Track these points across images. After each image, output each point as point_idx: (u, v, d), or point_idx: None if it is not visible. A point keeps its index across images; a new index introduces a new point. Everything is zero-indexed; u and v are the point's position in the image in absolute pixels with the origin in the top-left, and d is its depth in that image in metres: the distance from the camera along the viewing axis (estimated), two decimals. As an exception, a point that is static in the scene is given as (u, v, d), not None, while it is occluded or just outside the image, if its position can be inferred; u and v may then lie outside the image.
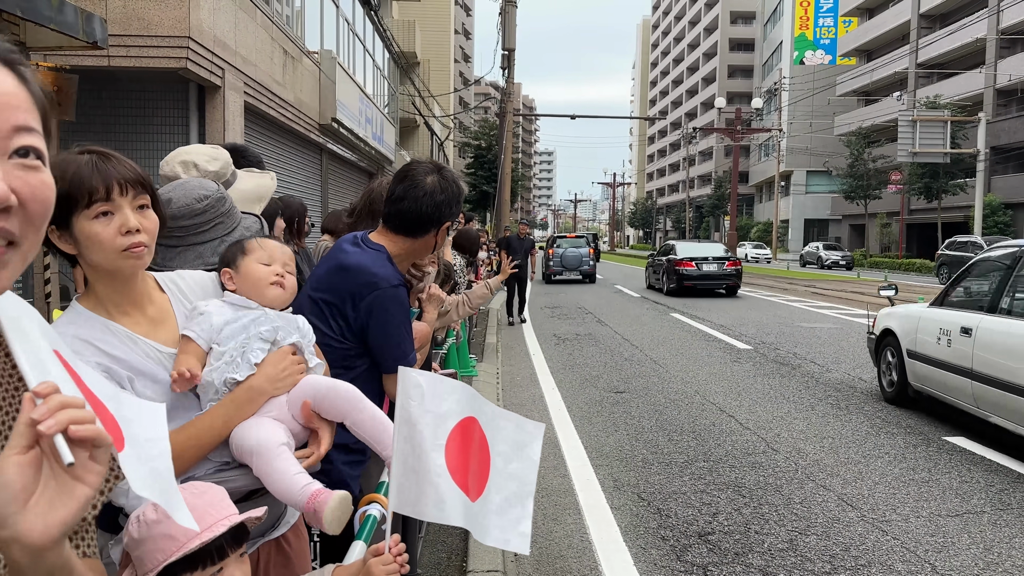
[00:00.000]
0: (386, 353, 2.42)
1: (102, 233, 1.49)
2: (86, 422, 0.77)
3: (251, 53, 11.15)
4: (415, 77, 29.63)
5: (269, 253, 1.83)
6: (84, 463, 0.78)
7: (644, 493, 5.32)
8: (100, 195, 1.48)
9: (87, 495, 0.79)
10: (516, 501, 1.66)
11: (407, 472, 1.53)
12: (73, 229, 1.49)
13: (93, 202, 1.48)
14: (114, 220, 1.49)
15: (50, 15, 5.47)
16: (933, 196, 40.47)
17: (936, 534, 4.58)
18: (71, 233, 1.50)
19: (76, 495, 0.78)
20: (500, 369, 9.97)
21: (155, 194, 1.60)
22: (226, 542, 1.28)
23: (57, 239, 1.51)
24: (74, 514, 0.78)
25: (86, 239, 1.49)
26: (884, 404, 8.00)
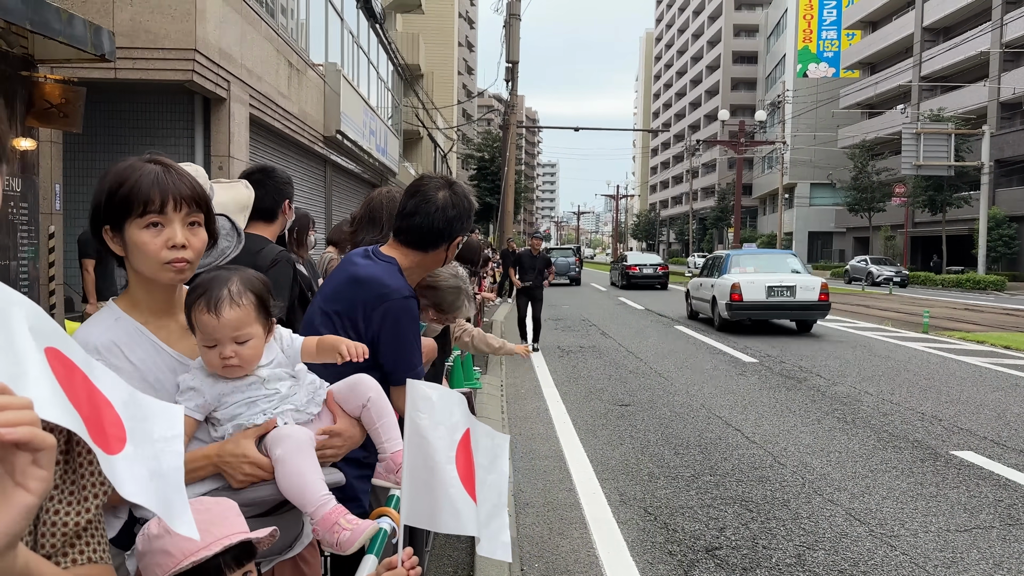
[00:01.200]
0: (395, 365, 2.42)
1: (149, 243, 1.55)
2: (22, 424, 0.72)
3: (256, 65, 11.19)
4: (419, 89, 29.74)
5: (209, 333, 1.60)
6: (24, 468, 0.75)
7: (650, 507, 5.29)
8: (154, 206, 1.55)
9: (30, 503, 0.75)
10: (496, 512, 1.67)
11: (419, 485, 1.52)
12: (125, 233, 1.57)
13: (147, 212, 1.55)
14: (163, 232, 1.56)
15: (59, 28, 5.49)
16: (937, 209, 40.47)
17: (945, 549, 4.54)
18: (123, 236, 1.57)
19: (16, 502, 0.74)
20: (504, 381, 9.94)
21: (210, 212, 1.66)
22: (224, 562, 1.26)
23: (110, 239, 1.59)
24: (16, 522, 0.74)
25: (134, 245, 1.56)
26: (891, 418, 7.97)
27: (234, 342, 1.61)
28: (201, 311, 1.59)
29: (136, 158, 1.62)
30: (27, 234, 6.57)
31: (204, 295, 1.60)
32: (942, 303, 25.43)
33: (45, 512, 0.92)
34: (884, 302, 25.97)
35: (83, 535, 0.96)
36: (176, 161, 2.47)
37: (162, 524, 1.23)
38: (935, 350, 13.21)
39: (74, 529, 0.94)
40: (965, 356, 12.42)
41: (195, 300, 1.60)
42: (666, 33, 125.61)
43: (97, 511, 0.97)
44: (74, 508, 0.94)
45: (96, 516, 0.97)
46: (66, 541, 0.94)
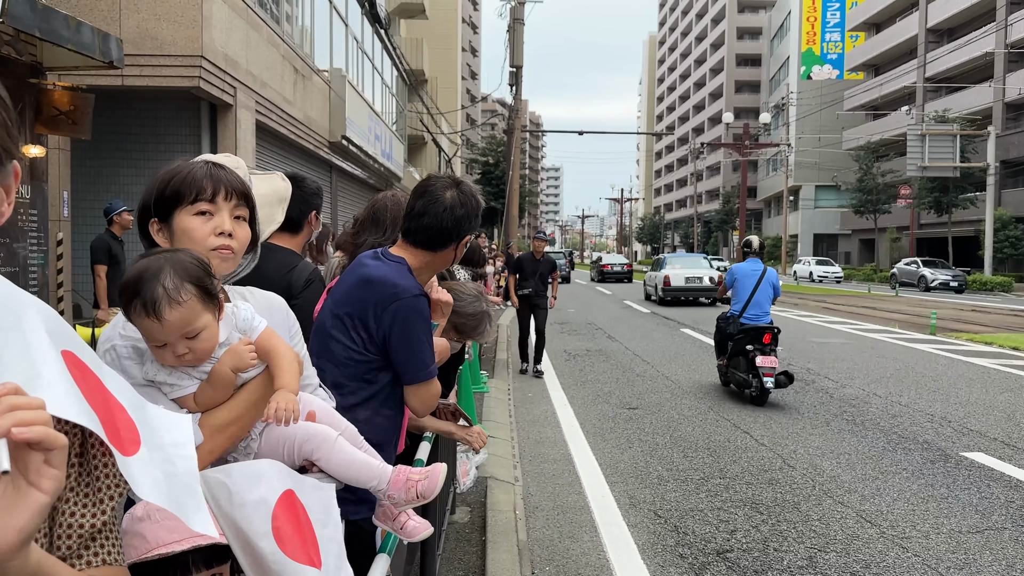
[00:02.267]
0: (407, 363, 2.43)
1: (198, 229, 1.59)
2: (35, 424, 0.73)
3: (262, 72, 11.22)
4: (423, 94, 29.79)
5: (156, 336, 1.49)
6: (38, 467, 0.75)
7: (661, 510, 5.28)
8: (205, 195, 1.60)
9: (43, 502, 0.75)
10: (340, 565, 1.57)
11: (258, 570, 1.43)
12: (172, 222, 1.60)
13: (198, 199, 1.59)
14: (212, 220, 1.60)
15: (67, 35, 5.51)
16: (943, 210, 40.37)
17: (957, 551, 4.53)
18: (170, 227, 1.61)
19: (30, 502, 0.74)
20: (511, 386, 9.94)
21: (254, 211, 1.71)
22: (192, 560, 1.28)
23: (156, 232, 1.63)
24: (30, 522, 0.74)
25: (182, 232, 1.60)
26: (900, 420, 7.94)
27: (185, 338, 1.50)
28: (139, 316, 1.45)
29: (186, 159, 1.70)
30: (36, 240, 6.60)
31: (138, 297, 1.44)
32: (949, 304, 25.37)
33: (61, 514, 0.92)
34: (891, 304, 25.91)
35: (98, 537, 0.96)
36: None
37: (148, 508, 1.25)
38: (943, 352, 13.17)
39: (90, 531, 0.94)
40: (973, 357, 12.39)
41: (129, 302, 1.46)
42: (669, 36, 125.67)
43: (112, 513, 0.97)
44: (89, 510, 0.94)
45: (111, 518, 0.97)
46: (81, 543, 0.94)
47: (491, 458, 6.08)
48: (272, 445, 1.63)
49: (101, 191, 9.65)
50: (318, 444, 1.61)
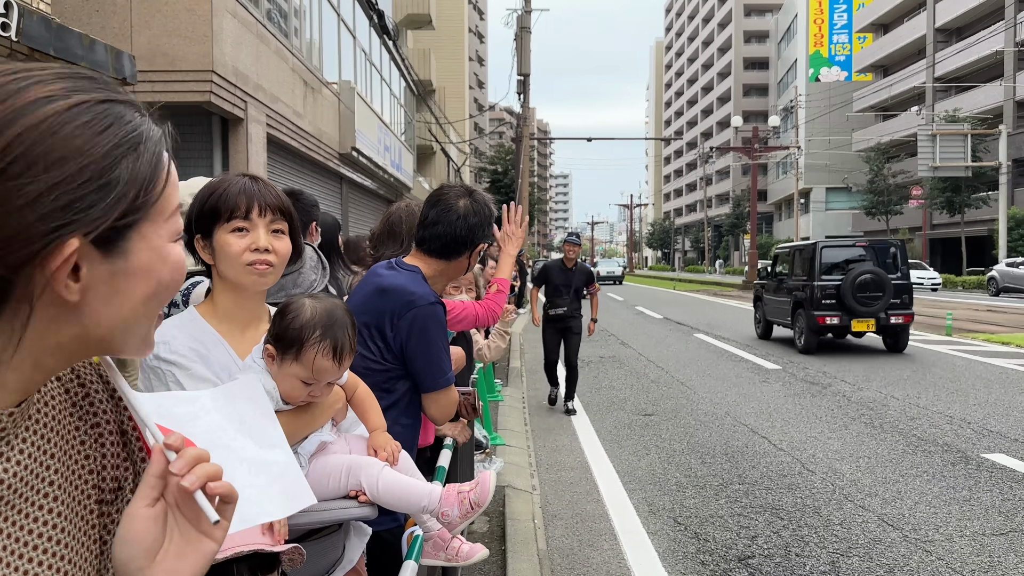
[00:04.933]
0: (426, 371, 2.44)
1: (233, 245, 1.64)
2: (219, 477, 0.75)
3: (272, 85, 11.28)
4: (431, 104, 29.88)
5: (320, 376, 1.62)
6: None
7: (680, 517, 5.25)
8: (240, 212, 1.64)
9: (212, 550, 0.77)
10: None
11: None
12: (214, 239, 1.66)
13: (233, 217, 1.64)
14: (247, 237, 1.64)
15: (81, 53, 5.55)
16: (956, 210, 40.15)
17: (981, 554, 4.48)
18: (212, 243, 1.67)
19: (202, 550, 0.76)
20: (526, 393, 9.92)
21: (294, 223, 1.75)
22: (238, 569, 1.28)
23: (201, 248, 1.68)
24: (200, 570, 0.76)
25: (220, 248, 1.65)
26: (919, 422, 7.88)
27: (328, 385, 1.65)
28: (325, 356, 1.58)
29: (227, 173, 1.76)
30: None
31: (328, 339, 1.59)
32: (964, 305, 25.19)
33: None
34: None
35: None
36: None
37: None
38: (960, 352, 13.07)
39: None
40: (990, 358, 12.29)
41: (315, 339, 1.59)
42: (676, 42, 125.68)
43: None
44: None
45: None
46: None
47: (508, 467, 6.07)
48: (319, 474, 1.65)
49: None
50: (365, 473, 1.63)
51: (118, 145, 0.69)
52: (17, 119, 0.65)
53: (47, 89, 0.67)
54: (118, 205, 0.68)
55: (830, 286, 13.10)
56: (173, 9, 9.04)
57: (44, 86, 0.67)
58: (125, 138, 0.69)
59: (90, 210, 0.66)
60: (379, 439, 1.79)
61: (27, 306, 0.67)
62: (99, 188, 0.67)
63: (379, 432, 1.80)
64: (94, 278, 0.69)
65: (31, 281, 0.66)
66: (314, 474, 1.65)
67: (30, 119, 0.65)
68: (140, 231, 0.71)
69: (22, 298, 0.67)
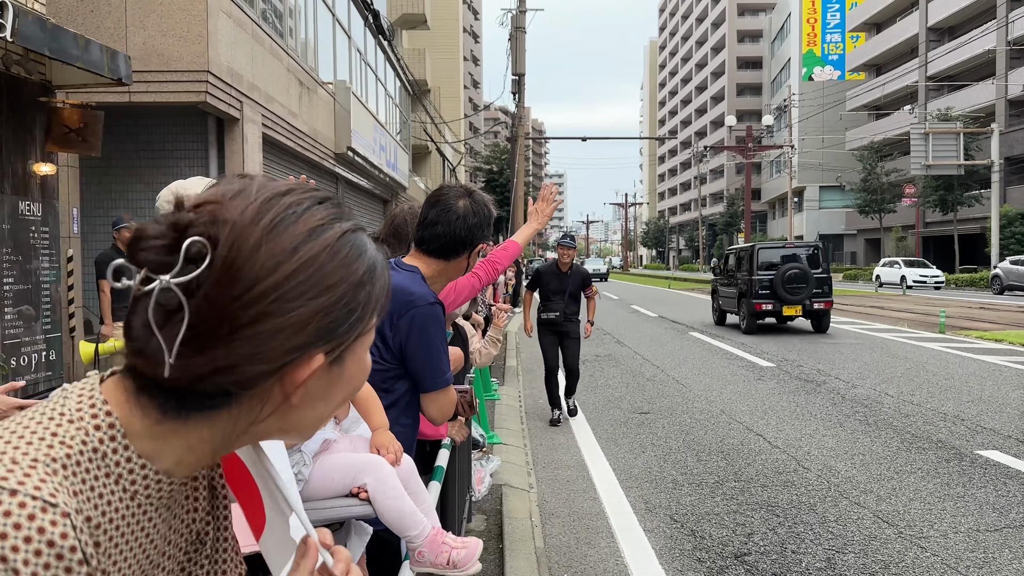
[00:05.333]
0: (424, 371, 2.45)
1: None
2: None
3: (268, 85, 11.28)
4: (426, 104, 29.86)
5: None
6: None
7: (676, 515, 5.27)
8: None
9: None
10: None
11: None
12: None
13: None
14: None
15: (76, 54, 5.55)
16: (948, 208, 40.29)
17: (976, 550, 4.52)
18: None
19: None
20: (522, 392, 9.94)
21: None
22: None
23: None
24: None
25: None
26: (913, 419, 7.92)
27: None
28: None
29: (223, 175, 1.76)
30: (48, 258, 6.64)
31: None
32: (957, 303, 25.29)
33: None
34: (898, 303, 25.86)
35: None
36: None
37: None
38: (953, 350, 13.13)
39: None
40: (984, 355, 12.35)
41: None
42: (670, 41, 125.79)
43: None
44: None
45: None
46: None
47: (505, 465, 6.09)
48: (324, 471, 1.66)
49: (111, 207, 9.70)
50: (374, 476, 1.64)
51: (366, 272, 0.77)
52: (307, 242, 0.72)
53: (319, 216, 0.74)
54: (359, 326, 0.77)
55: (765, 279, 16.23)
56: (168, 9, 9.03)
57: (315, 213, 0.74)
58: (369, 266, 0.78)
59: (338, 330, 0.75)
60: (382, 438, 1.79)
61: (260, 403, 0.75)
62: (349, 312, 0.75)
63: (382, 431, 1.79)
64: (316, 385, 0.77)
65: (273, 382, 0.74)
66: (318, 471, 1.66)
67: (316, 245, 0.72)
68: (357, 346, 0.80)
69: (262, 395, 0.74)
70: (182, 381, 0.70)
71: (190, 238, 0.69)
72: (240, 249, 0.69)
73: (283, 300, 0.70)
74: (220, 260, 0.69)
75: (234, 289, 0.69)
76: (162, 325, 0.69)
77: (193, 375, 0.70)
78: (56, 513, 0.62)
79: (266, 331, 0.70)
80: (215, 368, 0.69)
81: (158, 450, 0.73)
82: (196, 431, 0.74)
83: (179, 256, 0.68)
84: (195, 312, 0.68)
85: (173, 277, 0.68)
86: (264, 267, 0.69)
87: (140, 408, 0.72)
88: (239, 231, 0.70)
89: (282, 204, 0.73)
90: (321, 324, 0.73)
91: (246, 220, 0.71)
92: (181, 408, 0.72)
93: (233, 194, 0.73)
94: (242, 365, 0.70)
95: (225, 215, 0.71)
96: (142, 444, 0.72)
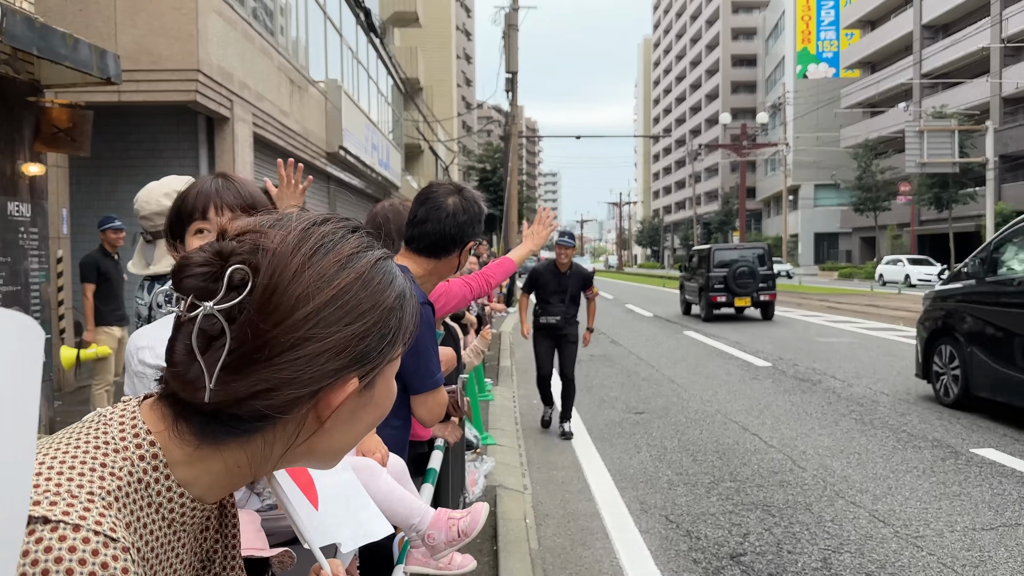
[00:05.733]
0: (414, 373, 2.41)
1: (192, 246, 1.66)
2: None
3: (258, 84, 11.22)
4: (419, 102, 29.81)
5: None
6: None
7: (672, 515, 5.24)
8: (198, 214, 1.66)
9: None
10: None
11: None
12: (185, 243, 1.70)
13: (192, 219, 1.67)
14: (206, 238, 1.66)
15: (65, 53, 5.49)
16: (943, 206, 40.35)
17: (972, 548, 4.49)
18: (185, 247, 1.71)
19: None
20: (516, 392, 9.90)
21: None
22: None
23: (175, 253, 1.73)
24: None
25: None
26: (909, 418, 7.90)
27: None
28: None
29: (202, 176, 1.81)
30: (37, 259, 6.58)
31: None
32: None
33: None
34: (894, 301, 25.87)
35: None
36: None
37: None
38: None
39: None
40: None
41: None
42: (664, 39, 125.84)
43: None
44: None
45: None
46: None
47: (499, 466, 6.05)
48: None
49: (101, 207, 9.62)
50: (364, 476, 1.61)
51: (397, 298, 0.80)
52: (344, 269, 0.75)
53: (352, 244, 0.78)
54: (390, 351, 0.81)
55: (719, 275, 18.91)
56: (158, 8, 8.97)
57: (349, 241, 0.78)
58: (400, 292, 0.81)
59: (372, 355, 0.78)
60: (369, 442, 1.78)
61: (295, 428, 0.78)
62: (382, 337, 0.78)
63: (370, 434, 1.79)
64: (346, 410, 0.79)
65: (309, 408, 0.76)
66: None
67: (351, 273, 0.76)
68: (387, 371, 0.83)
69: (297, 420, 0.77)
70: (222, 406, 0.72)
71: (233, 266, 0.72)
72: (281, 277, 0.72)
73: (321, 325, 0.73)
74: (262, 288, 0.72)
75: (275, 315, 0.72)
76: (204, 350, 0.71)
77: (233, 399, 0.72)
78: (117, 548, 0.64)
79: (305, 356, 0.72)
80: (254, 392, 0.72)
81: (195, 477, 0.75)
82: (233, 456, 0.76)
83: (222, 284, 0.72)
84: (236, 337, 0.71)
85: (216, 304, 0.71)
86: (304, 294, 0.72)
87: (179, 435, 0.74)
88: (279, 259, 0.73)
89: (319, 233, 0.76)
90: (357, 349, 0.75)
91: (287, 249, 0.73)
92: (219, 433, 0.74)
93: (272, 223, 0.77)
94: (280, 389, 0.72)
95: (266, 244, 0.74)
96: (180, 472, 0.74)
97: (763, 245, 20.18)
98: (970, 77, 45.16)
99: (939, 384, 8.44)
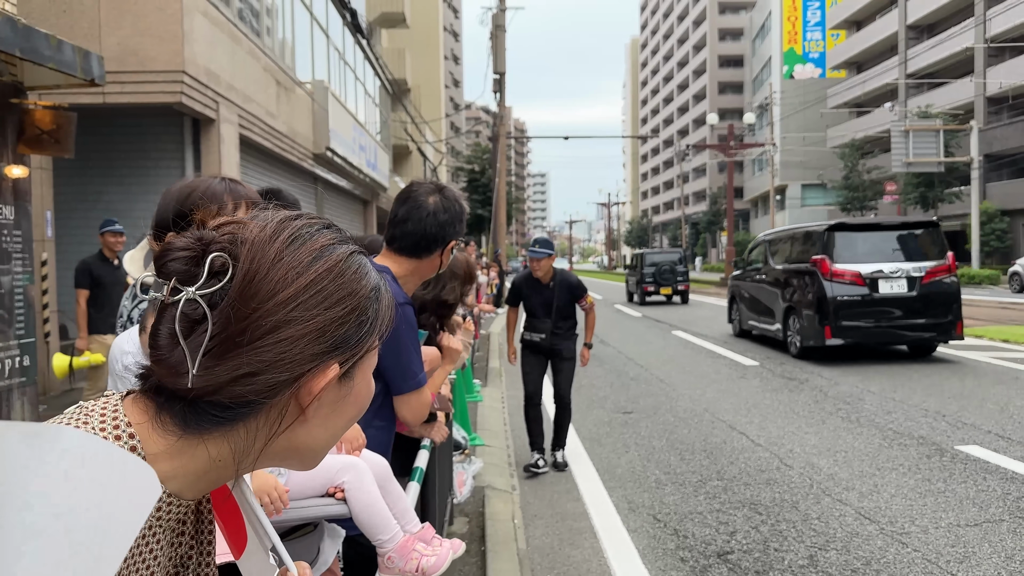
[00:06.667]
0: (396, 373, 2.40)
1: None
2: None
3: (245, 85, 11.18)
4: (406, 103, 29.77)
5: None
6: None
7: (660, 514, 5.25)
8: (227, 210, 1.64)
9: None
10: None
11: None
12: None
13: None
14: None
15: (49, 54, 5.46)
16: (929, 205, 40.57)
17: (956, 545, 4.52)
18: None
19: None
20: (505, 394, 9.90)
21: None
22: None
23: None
24: None
25: None
26: (895, 416, 7.95)
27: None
28: None
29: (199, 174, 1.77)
30: (21, 261, 6.53)
31: None
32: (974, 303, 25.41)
33: None
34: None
35: None
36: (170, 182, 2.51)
37: None
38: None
39: None
40: (965, 351, 12.42)
41: None
42: (651, 39, 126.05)
43: None
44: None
45: None
46: None
47: (487, 467, 6.05)
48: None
49: (87, 210, 9.57)
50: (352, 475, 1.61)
51: (372, 289, 0.83)
52: (320, 258, 0.78)
53: (327, 237, 0.81)
54: (368, 340, 0.82)
55: (649, 272, 26.37)
56: (143, 9, 8.93)
57: (324, 234, 0.81)
58: (374, 284, 0.84)
59: (352, 341, 0.80)
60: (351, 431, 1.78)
61: (277, 416, 0.78)
62: (360, 324, 0.80)
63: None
64: (326, 400, 0.81)
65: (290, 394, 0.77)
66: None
67: (328, 260, 0.78)
68: (365, 362, 0.84)
69: (280, 408, 0.78)
70: (205, 392, 0.73)
71: (213, 253, 0.74)
72: (260, 264, 0.75)
73: (300, 309, 0.75)
74: (241, 274, 0.74)
75: (255, 300, 0.73)
76: (187, 335, 0.73)
77: (215, 385, 0.73)
78: None
79: (285, 339, 0.74)
80: (236, 376, 0.73)
81: (176, 470, 0.75)
82: (216, 447, 0.76)
83: (203, 269, 0.74)
84: (218, 322, 0.73)
85: (198, 289, 0.73)
86: (283, 279, 0.75)
87: (161, 425, 0.75)
88: (257, 248, 0.75)
89: (295, 225, 0.79)
90: (336, 334, 0.78)
91: (264, 239, 0.76)
92: (202, 422, 0.75)
93: (251, 217, 0.80)
94: (262, 373, 0.74)
95: (244, 234, 0.77)
96: (161, 465, 0.73)
97: (680, 250, 27.89)
98: (955, 77, 45.44)
99: (734, 325, 15.64)
